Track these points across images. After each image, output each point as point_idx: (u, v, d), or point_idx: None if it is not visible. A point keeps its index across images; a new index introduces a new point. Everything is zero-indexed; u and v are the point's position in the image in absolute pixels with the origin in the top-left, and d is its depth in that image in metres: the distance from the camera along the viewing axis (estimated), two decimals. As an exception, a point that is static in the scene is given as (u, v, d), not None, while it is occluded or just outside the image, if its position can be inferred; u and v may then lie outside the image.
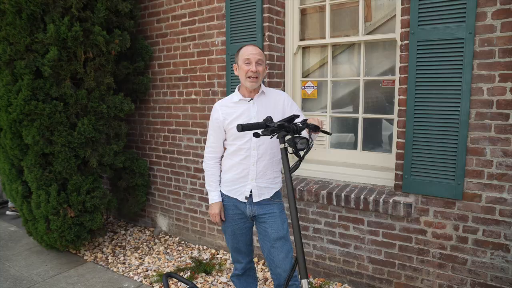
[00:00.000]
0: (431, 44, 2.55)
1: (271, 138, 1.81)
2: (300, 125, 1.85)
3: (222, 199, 2.37)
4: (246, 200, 2.27)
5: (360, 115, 3.27)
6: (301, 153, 1.82)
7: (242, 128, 1.62)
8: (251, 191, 2.26)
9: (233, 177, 2.30)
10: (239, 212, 2.33)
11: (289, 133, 1.78)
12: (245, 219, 2.35)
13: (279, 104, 2.31)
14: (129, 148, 4.62)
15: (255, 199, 2.26)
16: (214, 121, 2.30)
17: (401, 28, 2.68)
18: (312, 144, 1.83)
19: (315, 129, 1.91)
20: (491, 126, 2.43)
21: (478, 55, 2.42)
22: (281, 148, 1.80)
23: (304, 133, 2.07)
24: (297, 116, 1.83)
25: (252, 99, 2.25)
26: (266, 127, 1.74)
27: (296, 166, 1.82)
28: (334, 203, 3.05)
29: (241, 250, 2.42)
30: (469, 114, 2.49)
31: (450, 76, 2.51)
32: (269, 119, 1.76)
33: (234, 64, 2.30)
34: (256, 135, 1.74)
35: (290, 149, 1.83)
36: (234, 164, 2.28)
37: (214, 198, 2.35)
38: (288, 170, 1.78)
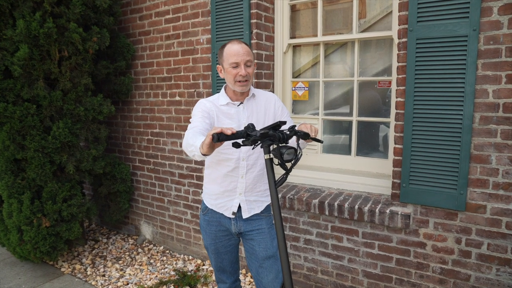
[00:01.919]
0: (432, 42, 2.35)
1: (253, 149, 1.59)
2: (288, 132, 1.63)
3: (205, 213, 2.14)
4: (233, 216, 2.04)
5: (354, 118, 3.07)
6: (288, 165, 1.60)
7: (218, 138, 1.39)
8: (239, 206, 2.03)
9: (218, 190, 2.05)
10: (223, 228, 2.10)
11: (274, 142, 1.56)
12: (229, 236, 2.12)
13: (270, 108, 2.07)
14: (112, 152, 4.38)
15: (244, 215, 2.02)
16: (204, 112, 1.93)
17: (399, 25, 2.48)
18: (301, 155, 1.61)
19: (304, 136, 1.69)
20: (497, 132, 2.23)
21: (483, 54, 2.22)
22: (265, 159, 1.58)
23: (292, 142, 1.86)
24: (284, 123, 1.61)
25: (241, 103, 2.02)
26: (247, 136, 1.51)
27: (283, 179, 1.60)
28: (327, 212, 2.84)
29: (226, 270, 2.19)
30: (473, 118, 2.29)
31: (452, 77, 2.31)
32: (250, 127, 1.53)
33: (218, 65, 2.03)
34: (236, 145, 1.51)
35: (276, 160, 1.61)
36: (219, 175, 2.03)
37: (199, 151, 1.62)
38: (274, 184, 1.57)
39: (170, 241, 4.03)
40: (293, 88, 3.35)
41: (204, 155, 1.55)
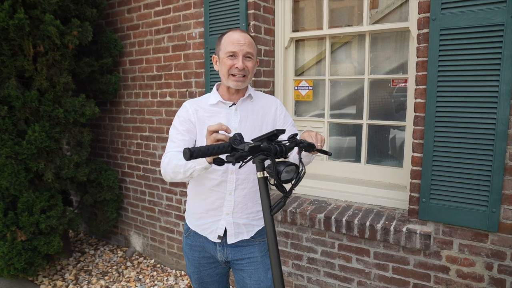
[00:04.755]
0: (459, 33, 1.98)
1: (240, 167, 1.24)
2: (287, 143, 1.28)
3: (187, 235, 1.80)
4: (219, 240, 1.69)
5: (365, 122, 2.72)
6: (288, 186, 1.25)
7: (190, 154, 1.05)
8: (225, 229, 1.69)
9: (202, 208, 1.72)
10: (207, 255, 1.75)
11: (270, 156, 1.20)
12: (215, 264, 1.77)
13: (269, 114, 1.73)
14: (100, 156, 4.04)
15: (230, 240, 1.68)
16: (184, 123, 1.65)
17: (419, 13, 2.12)
18: (304, 172, 1.25)
19: (308, 148, 1.33)
20: (539, 139, 1.88)
21: (522, 47, 1.86)
22: (258, 178, 1.22)
23: (293, 155, 1.51)
24: (282, 132, 1.25)
25: (234, 104, 1.68)
26: (232, 150, 1.16)
27: (280, 204, 1.24)
28: (333, 229, 2.48)
29: (213, 302, 1.85)
30: (509, 122, 1.92)
31: (484, 74, 1.94)
32: (237, 138, 1.18)
33: (213, 55, 1.70)
34: (219, 162, 1.17)
35: (272, 179, 1.26)
36: (203, 191, 1.70)
37: (199, 162, 1.42)
38: (269, 210, 1.22)
39: (161, 254, 3.69)
40: (296, 88, 3.00)
41: (210, 163, 1.38)
